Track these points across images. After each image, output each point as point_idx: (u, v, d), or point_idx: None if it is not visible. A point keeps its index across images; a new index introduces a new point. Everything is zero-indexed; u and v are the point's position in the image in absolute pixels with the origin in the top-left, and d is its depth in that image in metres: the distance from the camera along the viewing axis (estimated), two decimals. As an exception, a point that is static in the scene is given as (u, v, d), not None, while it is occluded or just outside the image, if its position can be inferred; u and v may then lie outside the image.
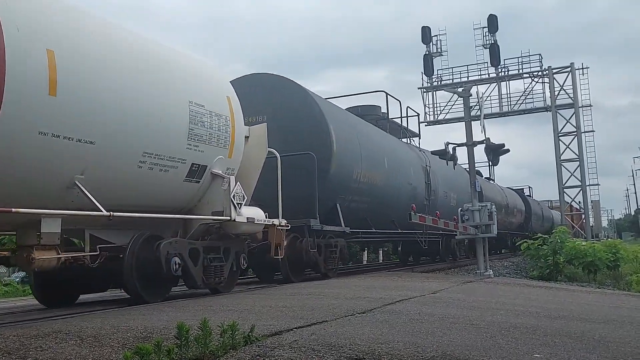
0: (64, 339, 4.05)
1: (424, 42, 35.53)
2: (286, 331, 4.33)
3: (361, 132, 13.77)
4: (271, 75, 12.09)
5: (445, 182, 19.13)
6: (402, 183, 15.48)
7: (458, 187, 20.23)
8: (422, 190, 16.93)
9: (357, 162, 12.67)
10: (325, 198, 11.41)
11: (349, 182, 12.33)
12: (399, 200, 15.32)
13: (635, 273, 15.42)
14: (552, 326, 5.40)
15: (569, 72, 33.83)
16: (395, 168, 15.14)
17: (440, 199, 18.31)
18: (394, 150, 15.81)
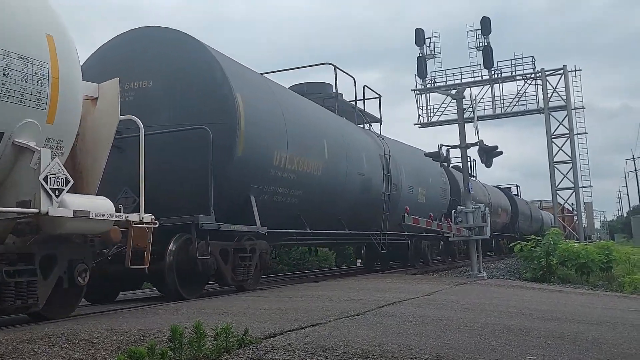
0: (57, 342, 4.03)
1: (417, 44, 35.57)
2: (280, 334, 4.33)
3: (288, 106, 10.86)
4: (163, 29, 9.43)
5: (412, 175, 16.81)
6: (351, 173, 12.94)
7: (428, 182, 18.01)
8: (378, 183, 14.49)
9: (280, 143, 9.94)
10: (231, 188, 8.89)
11: (267, 169, 9.61)
12: (346, 194, 12.88)
13: (628, 274, 15.47)
14: (545, 328, 5.42)
15: (562, 74, 33.94)
16: (340, 155, 12.55)
17: (404, 194, 15.97)
18: (340, 133, 13.09)
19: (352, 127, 14.57)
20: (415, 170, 17.06)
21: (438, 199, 18.84)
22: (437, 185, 18.73)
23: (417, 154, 17.97)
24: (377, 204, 14.46)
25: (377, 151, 14.80)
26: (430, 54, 35.67)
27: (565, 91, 33.66)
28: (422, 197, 17.22)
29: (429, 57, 35.67)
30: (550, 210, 42.27)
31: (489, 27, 34.40)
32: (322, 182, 11.56)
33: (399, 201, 15.41)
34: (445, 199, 19.61)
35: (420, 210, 15.84)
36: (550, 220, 39.73)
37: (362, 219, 14.18)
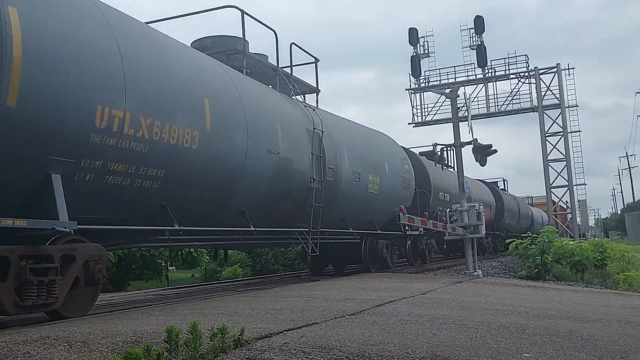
0: (52, 344, 4.02)
1: (411, 44, 35.62)
2: (276, 334, 4.33)
3: (136, 46, 7.47)
4: None
5: (359, 159, 13.30)
6: (255, 150, 9.30)
7: (383, 169, 14.40)
8: (303, 166, 10.83)
9: (112, 95, 6.64)
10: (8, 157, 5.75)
11: (84, 133, 6.32)
12: (250, 179, 9.31)
13: (622, 272, 15.53)
14: (540, 325, 5.44)
15: (555, 72, 34.05)
16: (235, 124, 8.99)
17: (346, 182, 12.48)
18: (238, 95, 9.28)
19: (263, 91, 10.62)
20: (365, 153, 13.81)
21: (397, 190, 15.21)
22: (397, 173, 15.26)
23: (369, 135, 15.04)
24: (303, 193, 10.85)
25: (302, 124, 11.15)
26: (424, 53, 35.73)
27: (559, 89, 33.76)
28: (375, 186, 13.75)
29: (422, 57, 35.71)
30: (542, 206, 41.74)
31: (482, 26, 34.46)
32: (200, 159, 8.08)
33: (339, 190, 12.18)
34: (408, 189, 15.97)
35: (371, 202, 13.57)
36: (541, 217, 39.07)
37: (280, 212, 10.63)
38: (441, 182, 19.86)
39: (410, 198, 16.11)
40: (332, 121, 12.89)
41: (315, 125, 11.52)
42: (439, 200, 19.28)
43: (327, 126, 12.13)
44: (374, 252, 14.21)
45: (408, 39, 35.70)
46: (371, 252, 14.05)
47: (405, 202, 15.59)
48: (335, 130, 12.61)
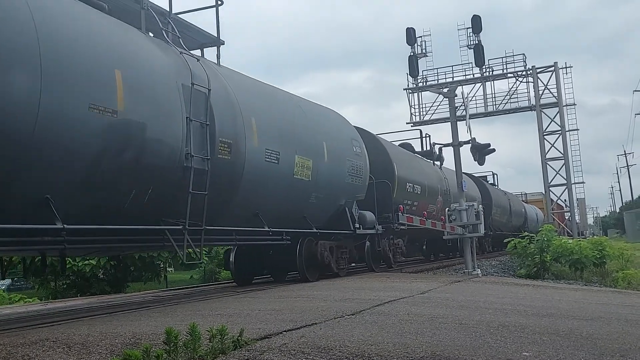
0: (51, 346, 4.01)
1: (408, 43, 35.63)
2: (275, 334, 4.32)
3: None
4: None
5: (277, 134, 10.00)
6: (64, 104, 6.01)
7: (318, 150, 11.17)
8: (170, 136, 7.51)
9: None
10: None
11: None
12: (52, 149, 5.99)
13: (621, 270, 15.54)
14: (540, 324, 5.43)
15: (553, 71, 34.08)
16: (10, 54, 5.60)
17: (253, 163, 9.10)
18: (30, 12, 5.86)
19: (96, 20, 7.03)
20: (289, 127, 10.41)
21: (343, 179, 12.05)
22: (342, 157, 12.13)
23: (299, 107, 11.49)
24: (171, 175, 7.53)
25: (172, 76, 7.80)
26: (422, 52, 35.75)
27: (557, 88, 33.82)
28: (305, 172, 10.53)
29: (420, 56, 35.73)
30: (537, 203, 41.39)
31: (479, 26, 34.49)
32: None
33: (244, 174, 8.86)
34: (360, 178, 12.80)
35: (299, 194, 10.51)
36: (536, 215, 38.03)
37: (128, 201, 7.13)
38: (409, 170, 16.75)
39: (363, 189, 13.04)
40: (234, 81, 9.49)
41: (196, 80, 8.01)
42: (406, 193, 16.18)
43: (225, 86, 8.95)
44: (313, 256, 11.27)
45: (406, 38, 35.71)
46: (309, 257, 11.21)
47: (355, 194, 12.68)
48: (239, 92, 9.18)
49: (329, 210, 11.87)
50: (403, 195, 15.92)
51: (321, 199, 11.31)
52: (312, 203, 11.05)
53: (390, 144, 16.71)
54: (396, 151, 16.71)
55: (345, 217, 12.33)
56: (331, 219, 12.07)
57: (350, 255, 13.01)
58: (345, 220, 12.32)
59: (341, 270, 12.27)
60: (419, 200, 16.89)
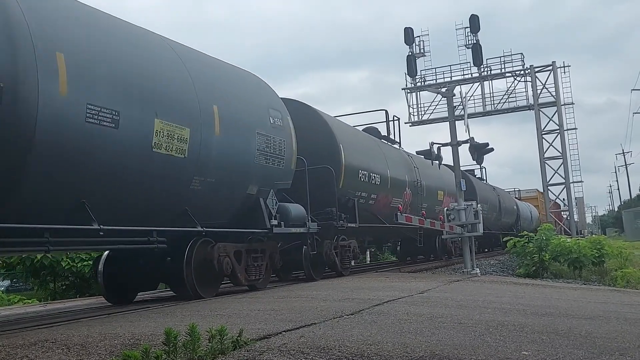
0: (50, 347, 4.01)
1: (406, 43, 35.66)
2: (275, 334, 4.32)
3: None
4: None
5: (119, 83, 6.87)
6: None
7: (203, 115, 8.09)
8: None
9: None
10: None
11: None
12: None
13: (620, 269, 15.56)
14: (539, 323, 5.44)
15: (551, 70, 34.12)
16: None
17: (58, 121, 5.97)
18: None
19: None
20: (147, 76, 7.39)
21: (250, 160, 9.06)
22: (249, 128, 9.13)
23: (168, 50, 8.15)
24: None
25: None
26: (420, 52, 35.77)
27: (555, 87, 33.87)
28: (176, 144, 7.49)
29: (418, 56, 35.77)
30: (531, 201, 40.10)
31: (477, 25, 34.53)
32: None
33: (36, 137, 5.78)
34: (282, 160, 9.85)
35: (160, 174, 7.41)
36: (530, 213, 36.41)
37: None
38: (363, 156, 13.88)
39: (286, 174, 10.08)
40: None
41: None
42: (359, 183, 13.29)
43: None
44: (208, 264, 8.44)
45: (404, 38, 35.75)
46: (202, 265, 8.37)
47: (274, 180, 9.71)
48: (33, 12, 5.98)
49: (230, 201, 8.85)
50: (354, 185, 12.98)
51: (212, 186, 8.23)
52: (196, 191, 7.93)
53: (337, 122, 13.82)
54: (345, 131, 13.70)
55: (260, 211, 9.32)
56: (238, 213, 9.12)
57: (271, 260, 9.95)
58: (260, 216, 9.33)
59: (257, 282, 9.47)
60: (378, 192, 14.30)
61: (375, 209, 14.36)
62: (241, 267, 9.09)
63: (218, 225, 8.63)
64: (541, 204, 40.26)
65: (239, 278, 9.07)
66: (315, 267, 11.85)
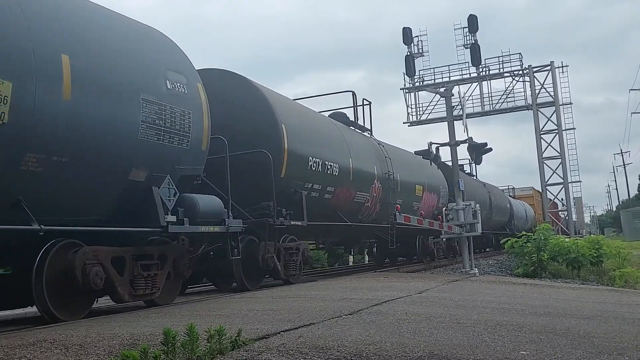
0: (48, 348, 4.01)
1: (405, 43, 35.65)
2: (273, 334, 4.32)
3: None
4: None
5: None
6: None
7: (28, 60, 5.61)
8: None
9: None
10: None
11: None
12: None
13: (618, 268, 15.58)
14: (537, 323, 5.44)
15: (549, 70, 34.15)
16: None
17: None
18: None
19: None
20: None
21: (130, 133, 6.76)
22: (128, 91, 6.84)
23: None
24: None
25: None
26: (418, 52, 35.78)
27: (553, 87, 33.88)
28: None
29: (417, 56, 35.77)
30: (527, 199, 38.97)
31: (475, 25, 34.54)
32: None
33: None
34: (183, 137, 7.55)
35: None
36: (525, 212, 34.97)
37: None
38: (316, 141, 11.60)
39: (195, 157, 7.85)
40: None
41: None
42: (308, 172, 11.02)
43: None
44: (70, 275, 6.29)
45: (402, 38, 35.74)
46: (58, 278, 6.27)
47: (174, 164, 7.47)
48: None
49: (103, 190, 6.69)
50: (301, 175, 10.77)
51: (65, 168, 6.04)
52: (34, 174, 5.77)
53: (281, 99, 11.40)
54: (291, 110, 11.47)
55: (152, 204, 7.09)
56: (120, 207, 6.96)
57: (175, 269, 7.71)
58: (152, 210, 7.10)
59: (150, 296, 7.32)
60: (336, 185, 11.96)
61: (335, 204, 12.16)
62: (124, 278, 6.84)
63: (88, 223, 6.46)
64: (537, 202, 39.73)
65: (119, 293, 6.78)
66: (250, 275, 9.70)
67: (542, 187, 34.48)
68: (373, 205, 14.11)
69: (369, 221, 14.35)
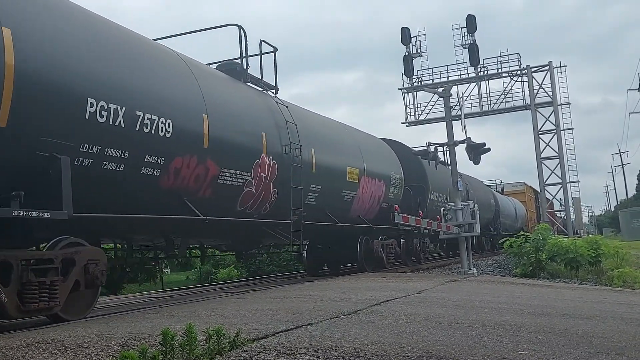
0: (47, 348, 4.00)
1: (403, 43, 35.65)
2: (272, 335, 4.32)
3: None
4: None
5: None
6: None
7: None
8: None
9: None
10: None
11: None
12: None
13: (617, 268, 15.58)
14: (536, 323, 5.44)
15: (548, 70, 34.17)
16: None
17: None
18: None
19: None
20: None
21: None
22: None
23: None
24: None
25: None
26: (417, 52, 35.79)
27: (551, 87, 33.89)
28: None
29: (415, 56, 35.78)
30: (517, 196, 36.50)
31: (474, 25, 34.53)
32: None
33: None
34: None
35: None
36: (514, 209, 32.46)
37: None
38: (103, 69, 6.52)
39: None
40: None
41: None
42: (80, 122, 6.10)
43: None
44: None
45: (400, 38, 35.74)
46: None
47: None
48: None
49: None
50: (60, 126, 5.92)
51: None
52: None
53: None
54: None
55: None
56: None
57: None
58: None
59: None
60: (170, 155, 7.35)
61: (173, 186, 7.62)
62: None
63: None
64: (530, 199, 38.44)
65: None
66: None
67: (540, 187, 34.48)
68: (262, 191, 9.65)
69: (260, 215, 9.95)
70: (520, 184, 39.65)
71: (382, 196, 14.24)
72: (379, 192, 14.11)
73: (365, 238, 13.73)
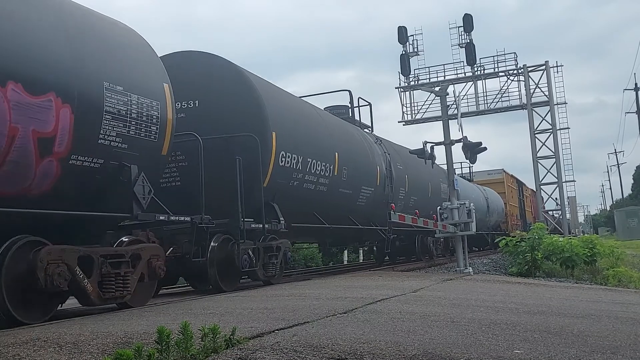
0: (42, 346, 3.99)
1: (400, 42, 35.62)
2: (268, 333, 4.32)
3: None
4: None
5: None
6: None
7: None
8: None
9: None
10: None
11: None
12: None
13: (612, 268, 15.62)
14: (531, 322, 5.46)
15: (544, 70, 34.20)
16: None
17: None
18: None
19: None
20: None
21: None
22: None
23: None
24: None
25: None
26: (414, 51, 35.77)
27: (548, 87, 33.93)
28: None
29: (412, 55, 35.76)
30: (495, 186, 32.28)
31: (471, 24, 34.54)
32: None
33: None
34: None
35: None
36: (486, 199, 27.38)
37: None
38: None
39: None
40: None
41: None
42: None
43: None
44: None
45: (397, 37, 35.73)
46: None
47: None
48: None
49: None
50: None
51: None
52: None
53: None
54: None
55: None
56: None
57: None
58: None
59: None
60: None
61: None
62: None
63: None
64: (511, 190, 34.38)
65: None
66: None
67: (536, 187, 34.51)
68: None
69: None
70: (499, 171, 34.22)
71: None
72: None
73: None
